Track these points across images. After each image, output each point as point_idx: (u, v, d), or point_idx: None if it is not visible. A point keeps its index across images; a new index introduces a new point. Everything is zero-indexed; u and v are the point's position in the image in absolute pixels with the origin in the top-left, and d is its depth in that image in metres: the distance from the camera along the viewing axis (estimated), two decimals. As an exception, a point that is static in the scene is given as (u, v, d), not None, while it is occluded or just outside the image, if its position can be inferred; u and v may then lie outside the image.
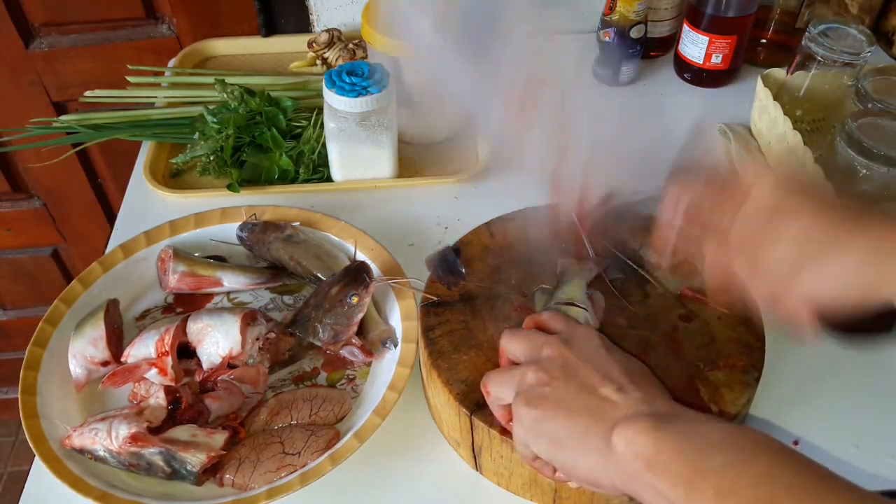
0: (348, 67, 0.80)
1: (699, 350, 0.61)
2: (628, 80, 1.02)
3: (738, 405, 0.58)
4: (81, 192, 1.29)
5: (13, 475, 1.74)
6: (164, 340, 0.67)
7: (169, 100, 0.98)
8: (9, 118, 1.16)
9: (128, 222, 0.85)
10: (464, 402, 0.59)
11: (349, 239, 0.77)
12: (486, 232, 0.72)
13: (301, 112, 0.93)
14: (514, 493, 0.62)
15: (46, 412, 0.64)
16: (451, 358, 0.62)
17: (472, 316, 0.65)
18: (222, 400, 0.65)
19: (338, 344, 0.69)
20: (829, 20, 0.84)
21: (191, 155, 0.90)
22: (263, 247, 0.77)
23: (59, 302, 0.71)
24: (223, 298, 0.77)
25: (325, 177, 0.89)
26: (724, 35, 0.96)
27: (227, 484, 0.61)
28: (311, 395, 0.66)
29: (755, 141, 0.93)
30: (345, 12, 1.11)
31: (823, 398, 0.68)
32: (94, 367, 0.68)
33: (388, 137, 0.83)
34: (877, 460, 0.64)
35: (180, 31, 1.12)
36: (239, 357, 0.67)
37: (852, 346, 0.59)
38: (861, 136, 0.76)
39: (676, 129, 1.01)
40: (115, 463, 0.61)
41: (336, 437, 0.63)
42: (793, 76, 0.87)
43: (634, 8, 0.94)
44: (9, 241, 1.36)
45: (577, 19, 1.13)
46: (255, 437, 0.64)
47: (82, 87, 1.00)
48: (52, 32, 1.12)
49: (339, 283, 0.69)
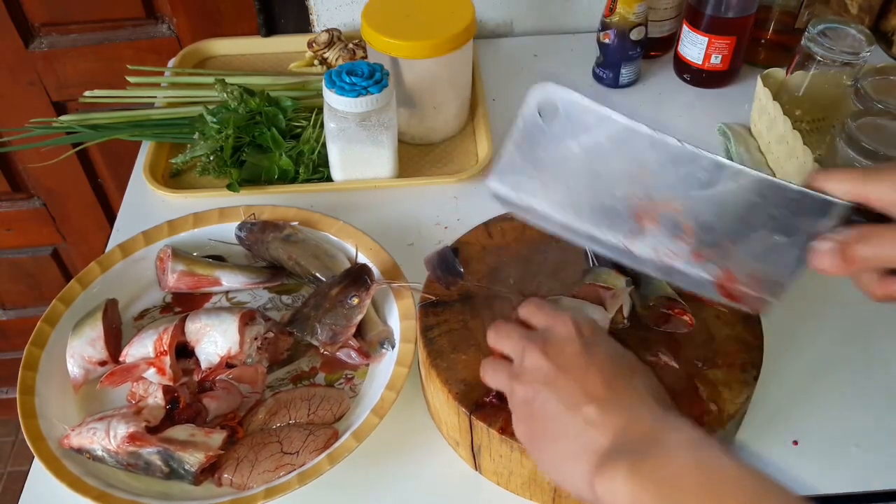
0: (348, 67, 0.80)
1: (698, 349, 0.61)
2: (628, 82, 1.02)
3: (736, 403, 0.58)
4: (81, 192, 1.29)
5: (13, 475, 1.74)
6: (163, 340, 0.67)
7: (169, 100, 0.98)
8: (9, 118, 1.16)
9: (128, 222, 0.85)
10: (463, 401, 0.59)
11: (348, 239, 0.77)
12: (484, 232, 0.72)
13: (301, 112, 0.93)
14: (514, 493, 0.62)
15: (45, 412, 0.64)
16: (449, 358, 0.62)
17: (470, 316, 0.65)
18: (220, 399, 0.65)
19: (335, 345, 0.69)
20: (828, 20, 0.84)
21: (191, 155, 0.90)
22: (262, 246, 0.77)
23: (58, 302, 0.71)
24: (222, 298, 0.77)
25: (325, 177, 0.89)
26: (723, 36, 0.96)
27: (226, 483, 0.61)
28: (309, 395, 0.66)
29: (755, 141, 0.93)
30: (345, 12, 1.11)
31: (823, 397, 0.68)
32: (93, 367, 0.68)
33: (388, 137, 0.83)
34: (877, 460, 0.64)
35: (180, 31, 1.13)
36: (237, 357, 0.67)
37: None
38: (861, 136, 0.76)
39: (676, 129, 1.01)
40: (114, 462, 0.61)
41: (334, 436, 0.63)
42: (792, 76, 0.87)
43: (634, 10, 0.94)
44: (9, 241, 1.36)
45: (578, 20, 1.14)
46: (254, 437, 0.64)
47: (82, 87, 1.00)
48: (52, 32, 1.12)
49: (340, 284, 0.69)
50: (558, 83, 0.50)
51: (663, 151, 0.49)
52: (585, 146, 0.51)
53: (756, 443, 0.64)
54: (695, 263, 0.52)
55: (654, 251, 0.53)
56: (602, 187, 0.52)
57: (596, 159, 0.51)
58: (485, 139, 0.93)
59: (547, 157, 0.52)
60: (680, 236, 0.52)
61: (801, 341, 0.72)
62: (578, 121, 0.50)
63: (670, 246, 0.52)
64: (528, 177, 0.53)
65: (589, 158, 0.51)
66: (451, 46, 0.86)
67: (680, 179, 0.50)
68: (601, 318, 0.58)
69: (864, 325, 0.74)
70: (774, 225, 0.49)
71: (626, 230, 0.53)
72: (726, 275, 0.52)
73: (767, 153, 0.90)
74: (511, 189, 0.54)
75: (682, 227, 0.51)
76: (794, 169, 0.82)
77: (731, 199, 0.50)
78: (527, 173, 0.53)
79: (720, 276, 0.52)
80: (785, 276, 0.51)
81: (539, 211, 0.54)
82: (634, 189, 0.51)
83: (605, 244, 0.54)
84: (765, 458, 0.63)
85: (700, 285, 0.53)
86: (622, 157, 0.50)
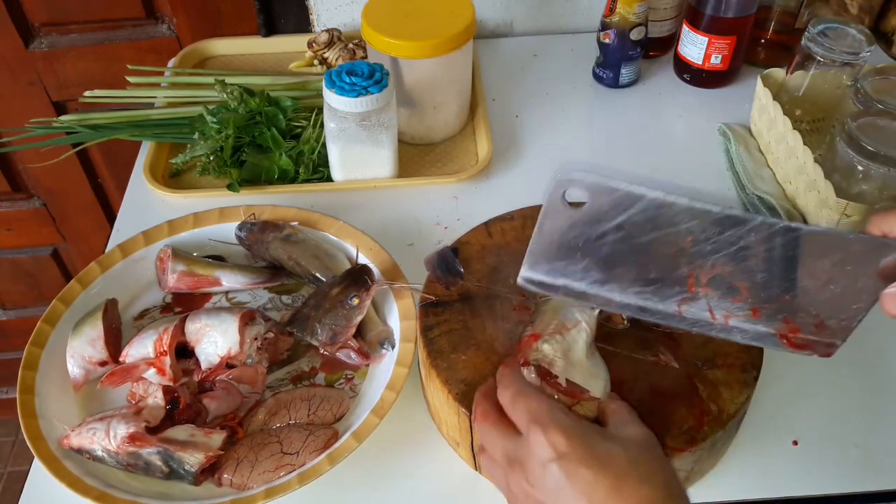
0: (348, 67, 0.80)
1: (698, 349, 0.61)
2: (628, 82, 1.02)
3: (736, 404, 0.57)
4: (81, 192, 1.29)
5: (13, 475, 1.74)
6: (163, 340, 0.67)
7: (169, 100, 0.98)
8: (9, 118, 1.17)
9: (128, 222, 0.85)
10: (463, 401, 0.59)
11: (348, 239, 0.77)
12: (484, 232, 0.72)
13: (301, 112, 0.93)
14: (513, 493, 0.62)
15: (45, 412, 0.64)
16: (449, 357, 0.62)
17: (470, 315, 0.65)
18: (220, 400, 0.65)
19: (335, 346, 0.69)
20: (828, 20, 0.84)
21: (190, 155, 0.90)
22: (262, 246, 0.77)
23: (58, 302, 0.71)
24: (221, 298, 0.77)
25: (325, 177, 0.89)
26: (723, 36, 0.96)
27: (226, 484, 0.61)
28: (309, 395, 0.66)
29: (755, 141, 0.93)
30: (345, 12, 1.11)
31: (823, 398, 0.68)
32: (93, 367, 0.68)
33: (388, 137, 0.83)
34: (877, 460, 0.64)
35: (180, 31, 1.13)
36: (237, 357, 0.67)
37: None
38: (860, 136, 0.76)
39: (676, 129, 1.02)
40: (114, 463, 0.61)
41: (334, 436, 0.63)
42: (792, 76, 0.87)
43: (634, 10, 0.94)
44: (9, 241, 1.36)
45: (578, 20, 1.14)
46: (254, 437, 0.64)
47: (82, 87, 1.00)
48: (52, 32, 1.12)
49: (341, 285, 0.69)
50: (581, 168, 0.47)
51: (705, 219, 0.48)
52: (619, 224, 0.49)
53: (756, 443, 0.64)
54: (754, 320, 0.52)
55: (709, 313, 0.52)
56: (644, 262, 0.50)
57: (633, 236, 0.49)
58: (485, 139, 0.93)
59: (580, 242, 0.50)
60: (736, 297, 0.51)
61: (801, 341, 0.72)
62: (608, 202, 0.48)
63: (726, 306, 0.51)
64: (562, 261, 0.52)
65: (625, 237, 0.49)
66: (451, 46, 0.86)
67: (727, 243, 0.48)
68: (588, 318, 0.57)
69: (865, 325, 0.73)
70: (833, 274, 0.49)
71: (679, 299, 0.52)
72: (789, 326, 0.51)
73: (767, 153, 0.90)
74: (545, 276, 0.52)
75: (737, 287, 0.50)
76: (794, 169, 0.82)
77: (784, 255, 0.48)
78: (560, 258, 0.51)
79: (783, 328, 0.52)
80: (850, 320, 0.50)
81: (579, 290, 0.53)
82: (679, 259, 0.50)
83: (657, 313, 0.52)
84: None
85: (762, 339, 0.52)
86: (661, 229, 0.49)
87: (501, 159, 0.92)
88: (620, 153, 0.94)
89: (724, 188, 0.88)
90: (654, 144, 0.95)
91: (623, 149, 0.94)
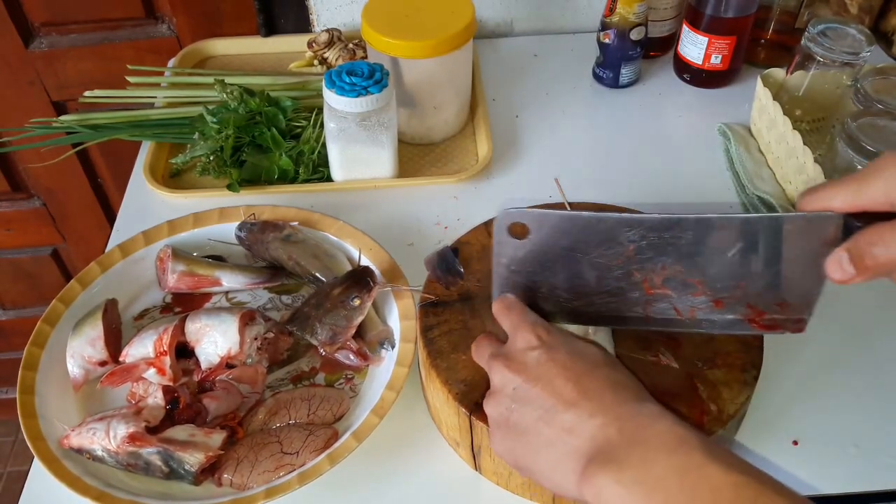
0: (348, 67, 0.80)
1: (698, 348, 0.61)
2: (628, 82, 1.02)
3: (736, 403, 0.57)
4: (81, 192, 1.29)
5: (13, 475, 1.74)
6: (163, 340, 0.67)
7: (169, 100, 0.98)
8: (9, 118, 1.17)
9: (127, 222, 0.85)
10: (463, 401, 0.59)
11: (348, 239, 0.77)
12: (484, 232, 0.72)
13: (301, 112, 0.93)
14: (514, 493, 0.62)
15: (45, 412, 0.64)
16: (449, 358, 0.62)
17: (470, 315, 0.65)
18: (220, 400, 0.65)
19: (334, 346, 0.69)
20: (828, 20, 0.84)
21: (190, 155, 0.90)
22: (262, 246, 0.77)
23: (58, 302, 0.71)
24: (221, 298, 0.77)
25: (325, 177, 0.89)
26: (723, 36, 0.96)
27: (226, 483, 0.61)
28: (309, 395, 0.66)
29: (755, 141, 0.93)
30: (345, 12, 1.11)
31: (823, 397, 0.68)
32: (92, 367, 0.68)
33: (388, 137, 0.83)
34: (877, 460, 0.64)
35: (180, 31, 1.13)
36: (237, 357, 0.67)
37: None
38: (860, 136, 0.76)
39: (676, 129, 1.02)
40: (113, 462, 0.61)
41: (334, 436, 0.63)
42: (792, 76, 0.87)
43: (634, 10, 0.94)
44: (9, 241, 1.36)
45: (578, 20, 1.14)
46: (254, 437, 0.64)
47: (82, 87, 1.00)
48: (52, 32, 1.12)
49: (343, 285, 0.69)
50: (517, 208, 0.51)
51: (641, 227, 0.50)
52: (566, 247, 0.52)
53: (756, 443, 0.64)
54: (720, 310, 0.54)
55: (675, 311, 0.54)
56: (600, 276, 0.53)
57: (583, 254, 0.52)
58: (485, 139, 0.93)
59: (537, 269, 0.54)
60: (694, 293, 0.53)
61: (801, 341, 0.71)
62: (550, 228, 0.51)
63: (688, 302, 0.54)
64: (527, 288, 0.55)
65: (577, 257, 0.52)
66: (451, 46, 0.86)
67: (670, 246, 0.51)
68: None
69: (864, 325, 0.74)
70: (781, 256, 0.50)
71: (642, 303, 0.54)
72: (753, 311, 0.53)
73: (767, 153, 0.90)
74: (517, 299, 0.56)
75: (692, 283, 0.52)
76: (794, 169, 0.82)
77: (729, 247, 0.50)
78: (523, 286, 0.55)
79: (748, 313, 0.54)
80: (809, 294, 0.52)
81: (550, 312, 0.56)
82: (630, 266, 0.52)
83: (630, 320, 0.55)
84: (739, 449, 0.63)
85: (732, 326, 0.55)
86: (605, 244, 0.51)
87: (501, 159, 0.92)
88: (620, 153, 0.94)
89: (724, 188, 0.88)
90: (654, 144, 0.95)
91: (623, 149, 0.94)
